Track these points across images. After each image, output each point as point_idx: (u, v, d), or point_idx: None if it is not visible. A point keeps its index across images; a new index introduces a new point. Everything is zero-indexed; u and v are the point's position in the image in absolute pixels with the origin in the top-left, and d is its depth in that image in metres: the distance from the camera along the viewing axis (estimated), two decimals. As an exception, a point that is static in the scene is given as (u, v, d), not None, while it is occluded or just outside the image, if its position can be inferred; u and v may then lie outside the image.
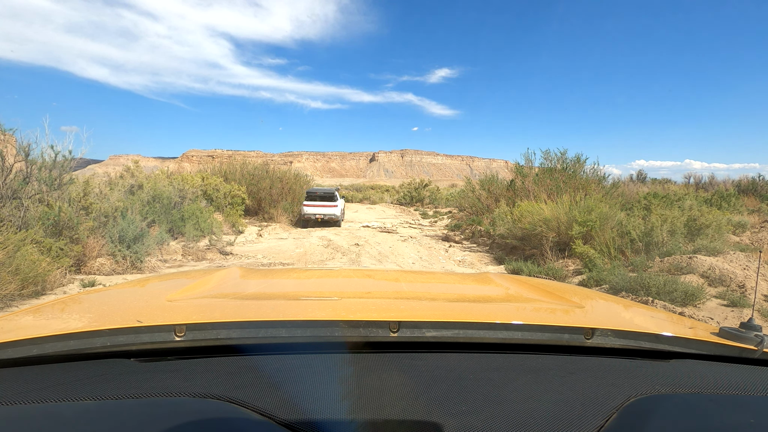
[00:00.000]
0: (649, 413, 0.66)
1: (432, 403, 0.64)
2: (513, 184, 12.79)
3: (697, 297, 4.33)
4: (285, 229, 12.35)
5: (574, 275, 6.62)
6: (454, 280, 1.84)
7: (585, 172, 12.35)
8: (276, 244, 9.32)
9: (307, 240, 10.10)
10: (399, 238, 11.87)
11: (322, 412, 0.61)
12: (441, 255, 9.45)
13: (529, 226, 7.81)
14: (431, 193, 24.73)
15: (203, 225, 8.50)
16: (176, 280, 1.57)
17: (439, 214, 19.93)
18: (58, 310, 1.05)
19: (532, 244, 8.31)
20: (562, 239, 7.53)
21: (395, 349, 0.81)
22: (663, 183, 25.48)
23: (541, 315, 1.10)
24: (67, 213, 4.96)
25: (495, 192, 13.24)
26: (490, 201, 13.03)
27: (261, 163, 18.04)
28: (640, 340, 0.86)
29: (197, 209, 8.68)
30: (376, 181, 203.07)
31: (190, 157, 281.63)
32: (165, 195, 8.44)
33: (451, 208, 21.64)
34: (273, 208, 14.84)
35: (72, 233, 5.11)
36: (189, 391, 0.65)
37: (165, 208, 8.47)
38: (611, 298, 1.61)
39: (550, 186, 11.27)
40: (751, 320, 0.94)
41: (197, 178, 10.44)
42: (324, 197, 13.98)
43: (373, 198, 29.33)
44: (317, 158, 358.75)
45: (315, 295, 1.30)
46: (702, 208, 7.78)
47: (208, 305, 1.07)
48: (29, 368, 0.72)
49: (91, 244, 5.34)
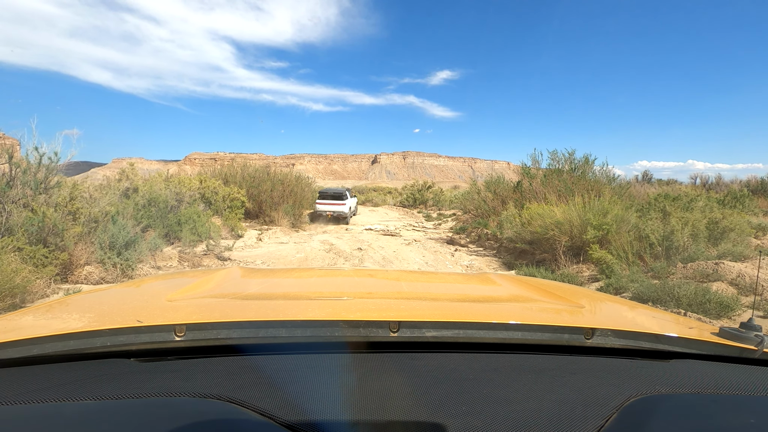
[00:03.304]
0: (650, 413, 0.65)
1: (432, 404, 0.64)
2: (520, 186, 12.42)
3: (732, 308, 3.96)
4: (286, 233, 12.01)
5: (590, 282, 6.25)
6: (454, 280, 1.82)
7: (594, 173, 11.98)
8: (276, 248, 9.00)
9: (309, 244, 9.77)
10: (403, 241, 11.53)
11: (322, 412, 0.61)
12: (447, 260, 9.11)
13: (541, 229, 7.45)
14: (435, 195, 24.30)
15: (200, 229, 8.19)
16: (176, 279, 1.56)
17: (443, 216, 19.57)
18: (59, 310, 1.04)
19: (542, 248, 7.95)
20: (575, 243, 7.16)
21: (395, 349, 0.80)
22: (669, 184, 25.01)
23: (541, 315, 1.09)
24: (52, 218, 4.65)
25: (501, 194, 12.88)
26: (496, 203, 12.66)
27: (262, 165, 17.80)
28: (640, 340, 0.85)
29: (194, 213, 8.37)
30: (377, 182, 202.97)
31: (193, 160, 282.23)
32: (161, 198, 8.13)
33: (455, 210, 21.30)
34: (274, 211, 14.59)
35: (58, 240, 4.80)
36: (189, 391, 0.64)
37: (161, 212, 8.17)
38: (611, 298, 1.60)
39: (559, 187, 10.90)
40: (751, 320, 0.93)
41: (195, 180, 10.11)
42: (334, 196, 15.85)
43: (375, 200, 28.97)
44: (319, 160, 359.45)
45: (315, 295, 1.28)
46: (724, 211, 7.41)
47: (208, 305, 1.06)
48: (29, 368, 0.71)
49: (78, 251, 5.02)
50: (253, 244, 9.27)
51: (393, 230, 14.26)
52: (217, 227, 9.15)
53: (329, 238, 10.95)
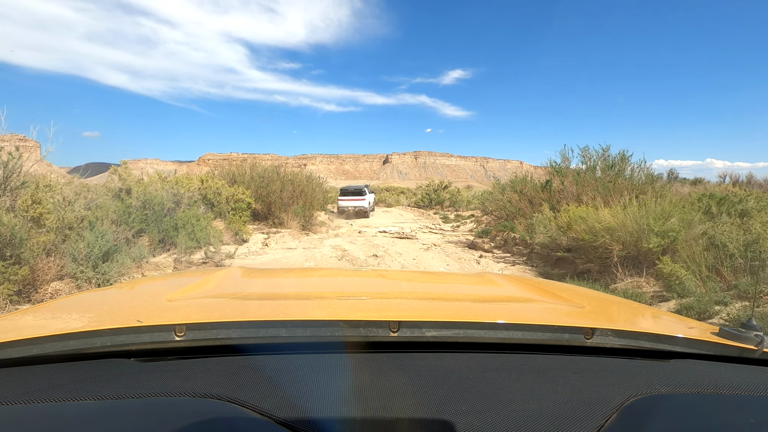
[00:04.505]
0: (649, 413, 0.65)
1: (433, 403, 0.64)
2: (549, 185, 11.33)
3: None
4: (295, 237, 11.16)
5: (656, 300, 5.18)
6: (454, 280, 1.82)
7: (632, 171, 10.80)
8: (283, 255, 8.14)
9: (319, 250, 8.88)
10: (421, 246, 10.57)
11: (321, 412, 0.60)
12: (473, 268, 8.14)
13: (588, 236, 6.40)
14: (451, 196, 23.17)
15: (199, 234, 7.37)
16: (176, 279, 1.58)
17: (461, 217, 18.51)
18: (58, 310, 1.04)
19: (587, 257, 6.90)
20: (630, 253, 6.10)
21: (395, 349, 0.80)
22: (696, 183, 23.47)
23: (542, 315, 1.09)
24: (8, 226, 3.84)
25: (528, 194, 11.79)
26: (522, 204, 11.58)
27: (274, 165, 17.08)
28: (640, 340, 0.85)
29: (193, 216, 7.55)
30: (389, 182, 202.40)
31: (206, 161, 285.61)
32: (156, 200, 7.33)
33: (474, 211, 20.22)
34: (283, 212, 13.82)
35: (17, 251, 3.98)
36: (189, 391, 0.64)
37: (156, 216, 7.37)
38: (612, 298, 1.62)
39: (596, 187, 9.79)
40: (751, 320, 0.92)
41: (195, 180, 9.31)
42: (354, 193, 17.37)
43: (388, 200, 27.98)
44: (331, 161, 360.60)
45: (315, 295, 1.28)
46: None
47: (208, 305, 1.06)
48: (29, 368, 0.71)
49: (43, 264, 4.22)
50: (257, 250, 8.42)
51: (409, 233, 13.32)
52: (218, 232, 8.33)
53: (342, 243, 10.05)
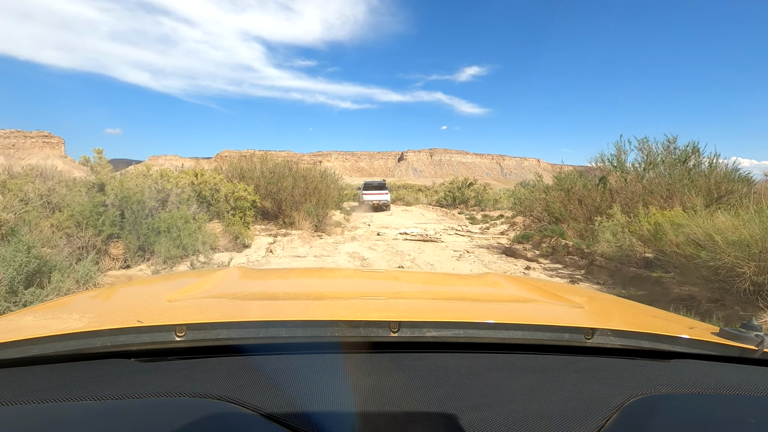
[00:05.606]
0: (650, 413, 0.66)
1: (433, 403, 0.64)
2: (605, 183, 9.59)
3: None
4: (306, 240, 9.72)
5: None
6: (454, 280, 1.83)
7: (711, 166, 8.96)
8: (289, 266, 6.68)
9: (333, 259, 7.40)
10: (452, 253, 8.97)
11: (322, 412, 0.60)
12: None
13: (693, 248, 4.72)
14: (476, 194, 21.41)
15: (186, 240, 5.97)
16: (176, 280, 1.57)
17: (490, 218, 16.78)
18: (58, 310, 1.04)
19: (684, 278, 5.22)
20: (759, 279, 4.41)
21: (396, 349, 0.79)
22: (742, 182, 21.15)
23: (542, 315, 1.09)
24: None
25: (578, 193, 10.06)
26: (573, 206, 9.86)
27: (284, 160, 15.70)
28: (640, 340, 0.84)
29: (180, 218, 6.16)
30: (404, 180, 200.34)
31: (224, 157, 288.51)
32: (135, 198, 5.96)
33: (503, 211, 18.44)
34: (295, 211, 12.41)
35: None
36: (189, 391, 0.63)
37: (136, 217, 6.01)
38: (612, 298, 1.62)
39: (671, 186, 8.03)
40: (752, 320, 0.92)
41: (188, 174, 7.95)
42: (377, 187, 18.23)
43: (407, 198, 26.34)
44: (346, 158, 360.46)
45: (315, 295, 1.27)
46: None
47: (208, 305, 1.05)
48: (29, 368, 0.70)
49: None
50: (259, 258, 7.00)
51: (433, 236, 11.73)
52: (213, 236, 6.94)
53: (360, 249, 8.54)
